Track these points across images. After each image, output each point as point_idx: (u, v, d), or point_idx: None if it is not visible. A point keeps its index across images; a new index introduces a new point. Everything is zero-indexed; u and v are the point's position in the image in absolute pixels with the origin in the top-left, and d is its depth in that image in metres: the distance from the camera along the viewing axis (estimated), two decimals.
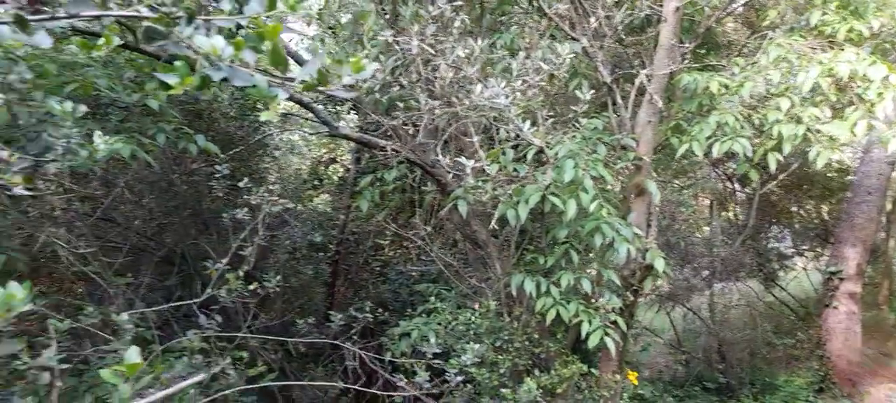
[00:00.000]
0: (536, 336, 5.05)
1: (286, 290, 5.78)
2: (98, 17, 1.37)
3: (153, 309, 3.50)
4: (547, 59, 3.84)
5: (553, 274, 4.89)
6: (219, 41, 1.28)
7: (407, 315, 6.04)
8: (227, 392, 4.21)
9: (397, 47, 4.11)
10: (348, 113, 7.09)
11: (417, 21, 4.32)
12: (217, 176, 4.09)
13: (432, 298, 5.43)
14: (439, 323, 5.63)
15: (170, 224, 5.76)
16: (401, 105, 4.62)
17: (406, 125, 4.74)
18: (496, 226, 4.96)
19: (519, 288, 4.89)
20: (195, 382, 1.67)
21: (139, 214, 5.41)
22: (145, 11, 1.34)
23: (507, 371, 4.96)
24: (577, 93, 4.53)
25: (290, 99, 5.41)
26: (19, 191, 2.56)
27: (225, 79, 1.31)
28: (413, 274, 7.37)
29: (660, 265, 4.86)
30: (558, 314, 4.65)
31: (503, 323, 5.13)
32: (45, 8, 1.33)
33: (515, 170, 4.80)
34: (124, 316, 2.86)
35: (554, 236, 4.93)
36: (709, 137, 4.93)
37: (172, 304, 3.66)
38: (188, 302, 3.58)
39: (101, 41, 2.47)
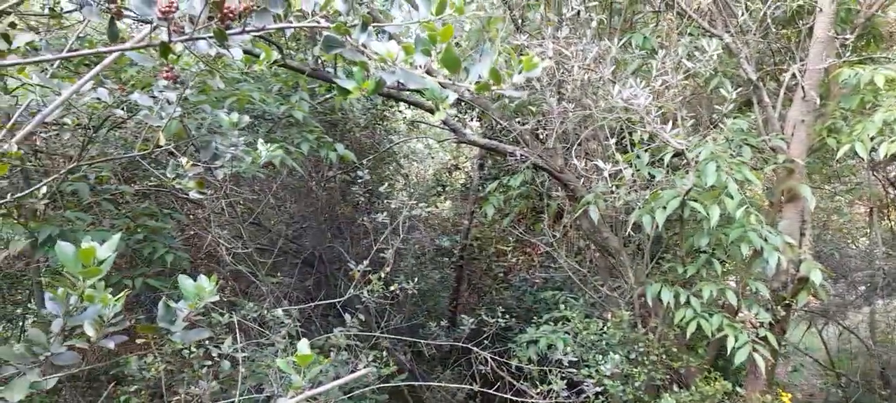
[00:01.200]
0: (674, 349, 4.78)
1: (414, 294, 5.93)
2: (281, 30, 1.46)
3: (299, 306, 3.71)
4: (692, 56, 3.63)
5: (692, 284, 4.61)
6: (392, 46, 1.32)
7: (533, 322, 5.98)
8: (364, 389, 4.39)
9: (529, 51, 4.08)
10: (471, 120, 7.17)
11: (548, 24, 4.27)
12: (359, 181, 4.27)
13: (561, 306, 5.30)
14: (567, 332, 5.51)
15: (308, 228, 6.11)
16: (532, 109, 4.57)
17: (536, 130, 4.69)
18: (632, 232, 4.76)
19: (655, 298, 4.66)
20: (362, 374, 1.74)
21: (281, 219, 5.78)
22: (323, 22, 1.41)
23: (642, 384, 4.74)
24: (721, 91, 4.25)
25: (418, 105, 5.55)
26: (194, 194, 2.82)
27: (398, 83, 1.34)
28: (536, 281, 7.29)
29: (816, 277, 4.42)
30: (699, 327, 4.37)
31: (637, 334, 4.92)
32: (234, 23, 1.44)
33: (650, 174, 4.59)
34: (279, 311, 3.06)
35: (693, 244, 4.65)
36: (873, 137, 4.43)
37: (318, 302, 3.86)
38: (332, 301, 3.76)
39: (263, 56, 2.66)
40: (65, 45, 2.73)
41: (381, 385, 4.25)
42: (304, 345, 1.79)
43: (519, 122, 5.06)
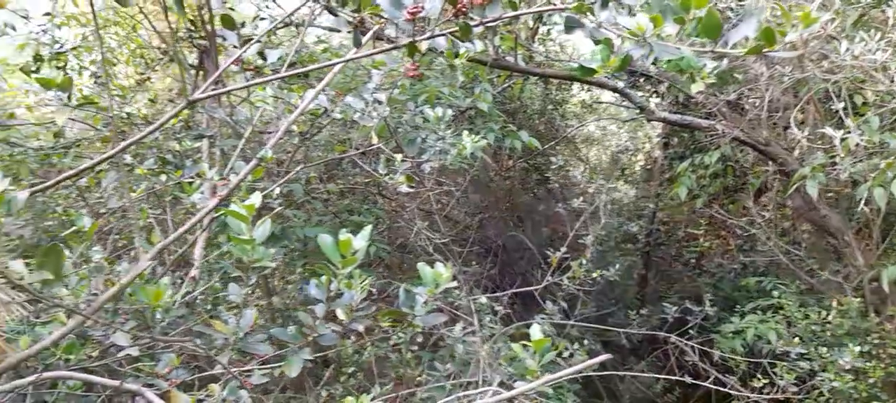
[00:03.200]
0: None
1: (600, 282, 5.78)
2: (517, 17, 1.47)
3: (499, 294, 3.78)
4: None
5: None
6: (642, 18, 1.25)
7: (736, 311, 5.51)
8: (558, 378, 4.35)
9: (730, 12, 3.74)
10: (650, 97, 6.79)
11: None
12: (553, 166, 4.25)
13: (774, 293, 4.82)
14: (778, 322, 5.00)
15: (490, 218, 6.22)
16: (738, 77, 4.20)
17: (739, 100, 4.30)
18: (866, 209, 4.17)
19: (892, 282, 4.04)
20: (595, 363, 1.70)
21: (466, 210, 5.95)
22: (559, 3, 1.39)
23: (878, 381, 4.14)
24: None
25: (601, 86, 5.36)
26: (404, 189, 2.98)
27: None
28: (734, 266, 6.70)
29: None
30: None
31: (870, 323, 4.31)
32: (472, 16, 1.48)
33: (883, 141, 3.98)
34: (484, 298, 3.14)
35: None
36: None
37: (517, 290, 3.91)
38: (530, 288, 3.78)
39: (462, 50, 2.72)
40: (284, 59, 3.02)
41: (575, 375, 4.19)
42: (536, 330, 1.79)
43: (713, 94, 4.67)
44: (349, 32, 1.71)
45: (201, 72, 3.72)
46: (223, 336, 1.72)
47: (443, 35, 1.44)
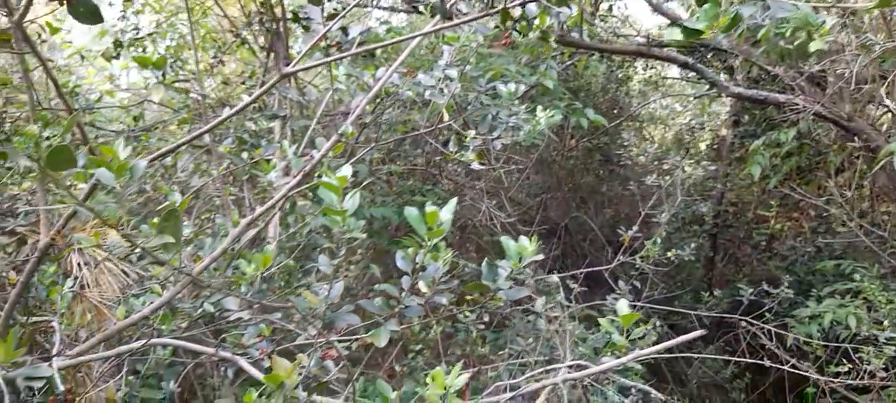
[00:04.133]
0: None
1: (666, 263, 5.64)
2: None
3: (568, 274, 3.74)
4: None
5: None
6: None
7: (811, 295, 5.28)
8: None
9: None
10: (720, 73, 6.53)
11: None
12: (625, 143, 4.15)
13: (855, 276, 4.59)
14: (858, 307, 4.77)
15: (551, 199, 6.15)
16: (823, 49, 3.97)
17: (823, 73, 4.08)
18: None
19: None
20: (699, 335, 1.66)
21: (527, 190, 5.89)
22: None
23: None
24: None
25: (670, 61, 5.19)
26: (475, 166, 2.97)
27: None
28: (808, 249, 6.41)
29: None
30: None
31: None
32: None
33: None
34: (555, 277, 3.12)
35: None
36: None
37: (587, 270, 3.86)
38: (599, 268, 3.72)
39: (536, 22, 2.68)
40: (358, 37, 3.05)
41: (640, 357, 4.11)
42: (623, 305, 1.76)
43: (791, 68, 4.45)
44: (419, 11, 1.71)
45: (272, 54, 3.79)
46: (312, 307, 1.76)
47: (534, 1, 1.41)
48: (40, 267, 1.97)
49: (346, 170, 1.58)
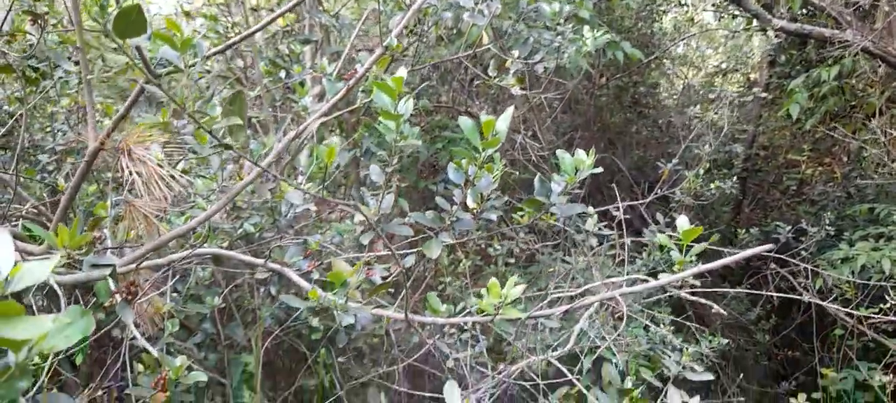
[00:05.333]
0: None
1: (694, 206, 5.56)
2: None
3: (606, 207, 3.69)
4: None
5: None
6: None
7: (842, 238, 5.21)
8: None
9: None
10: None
11: None
12: (650, 83, 4.02)
13: (893, 217, 4.50)
14: (894, 249, 4.70)
15: (580, 138, 6.05)
16: None
17: (875, 4, 3.89)
18: None
19: None
20: (759, 251, 1.62)
21: (555, 129, 5.80)
22: None
23: None
24: None
25: None
26: (516, 91, 2.88)
27: None
28: (838, 194, 6.29)
29: None
30: None
31: None
32: None
33: None
34: (590, 209, 3.07)
35: None
36: None
37: (626, 204, 3.80)
38: (638, 201, 3.66)
39: None
40: None
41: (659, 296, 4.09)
42: (683, 221, 1.71)
43: (838, 1, 4.26)
44: None
45: None
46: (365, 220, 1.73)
47: None
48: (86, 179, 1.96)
49: (402, 72, 1.52)
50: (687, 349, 2.37)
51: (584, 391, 1.96)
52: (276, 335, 3.16)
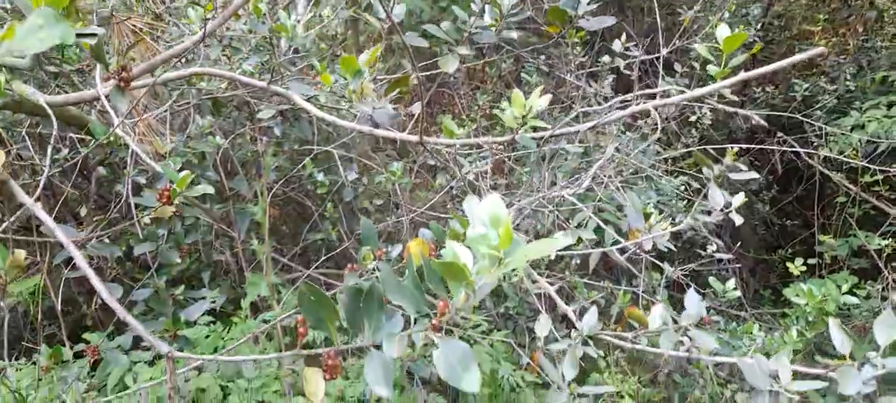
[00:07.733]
0: None
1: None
2: None
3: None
4: None
5: None
6: None
7: (854, 107, 5.12)
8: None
9: None
10: None
11: None
12: None
13: None
14: None
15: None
16: None
17: None
18: None
19: None
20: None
21: None
22: None
23: None
24: None
25: None
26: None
27: None
28: (849, 67, 6.11)
29: None
30: None
31: None
32: None
33: None
34: (606, 57, 2.93)
35: None
36: None
37: (644, 57, 3.65)
38: (656, 55, 3.51)
39: None
40: None
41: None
42: (724, 29, 1.59)
43: None
44: None
45: None
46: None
47: None
48: None
49: None
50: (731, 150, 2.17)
51: (593, 217, 1.93)
52: (283, 191, 3.10)
